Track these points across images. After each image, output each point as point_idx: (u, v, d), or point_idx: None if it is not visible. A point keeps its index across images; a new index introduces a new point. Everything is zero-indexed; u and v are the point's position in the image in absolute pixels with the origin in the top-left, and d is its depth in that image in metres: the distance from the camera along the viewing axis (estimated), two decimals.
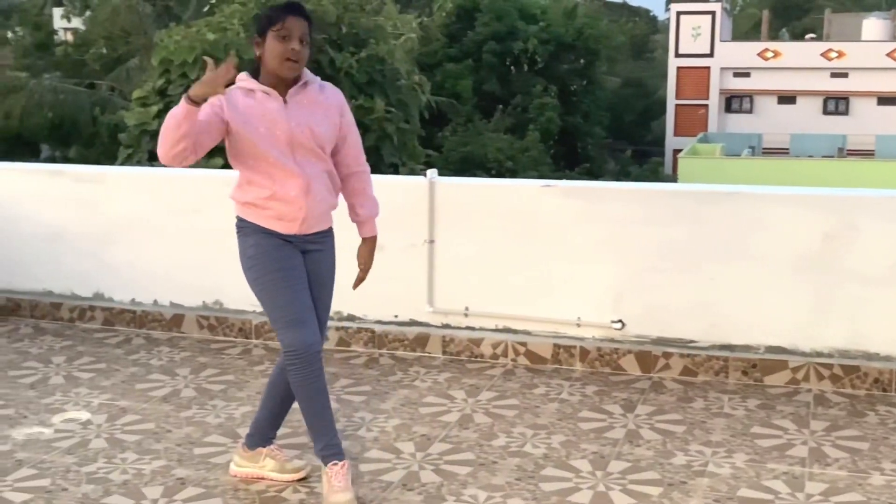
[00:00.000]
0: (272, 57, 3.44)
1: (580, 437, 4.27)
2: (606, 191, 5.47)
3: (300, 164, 3.52)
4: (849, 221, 4.80)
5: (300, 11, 3.51)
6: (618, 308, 5.18)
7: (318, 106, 3.58)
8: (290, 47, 3.43)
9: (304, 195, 3.53)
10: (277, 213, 3.55)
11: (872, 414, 4.50)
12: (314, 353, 3.55)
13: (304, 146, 3.52)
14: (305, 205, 3.54)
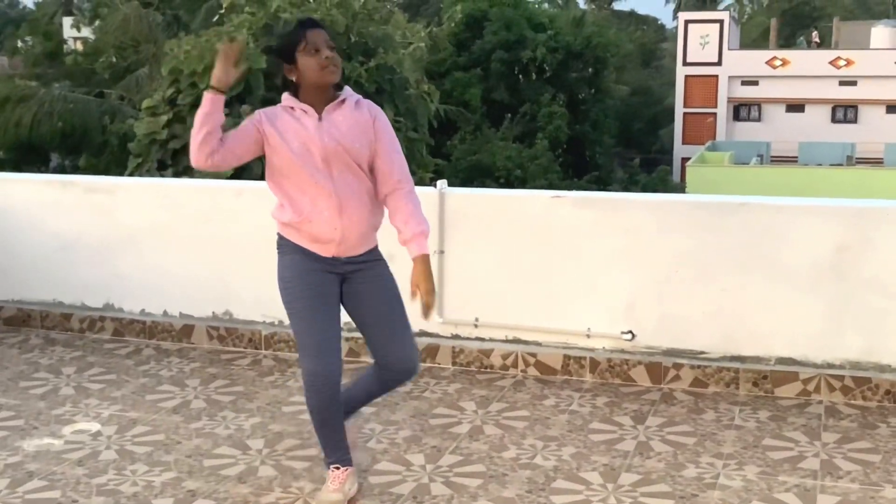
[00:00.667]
0: (310, 72, 3.47)
1: (591, 449, 4.25)
2: (617, 201, 5.47)
3: (335, 182, 3.48)
4: (862, 232, 4.78)
5: (313, 23, 3.55)
6: (628, 319, 5.17)
7: (353, 122, 3.55)
8: (324, 56, 3.46)
9: (337, 215, 3.49)
10: (312, 235, 3.53)
11: (884, 426, 4.48)
12: (328, 382, 3.51)
13: (339, 162, 3.49)
14: (340, 225, 3.50)
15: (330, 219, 3.50)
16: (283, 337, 5.69)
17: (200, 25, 24.59)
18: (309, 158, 3.47)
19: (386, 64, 18.53)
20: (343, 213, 3.50)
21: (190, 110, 15.91)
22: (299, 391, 5.03)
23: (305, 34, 3.47)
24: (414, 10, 48.55)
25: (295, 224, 3.55)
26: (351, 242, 3.56)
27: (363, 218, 3.56)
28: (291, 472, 4.05)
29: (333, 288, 3.60)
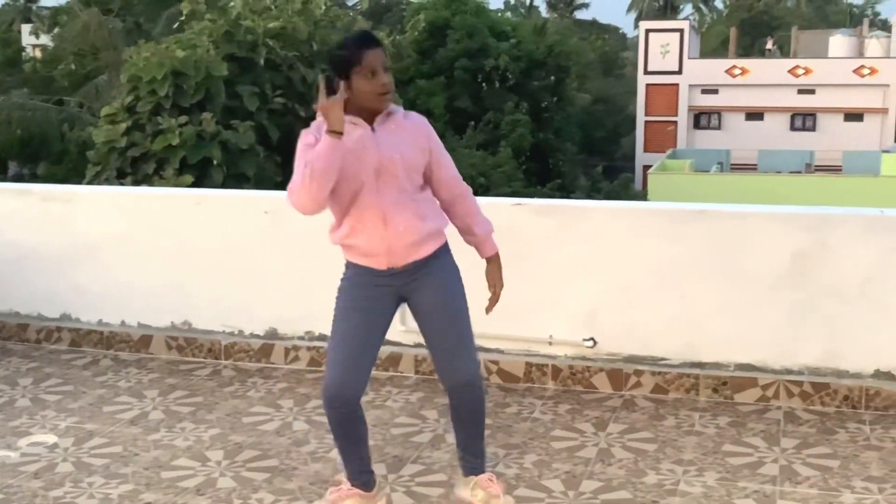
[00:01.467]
0: (364, 96, 3.36)
1: (552, 457, 4.25)
2: (578, 209, 5.47)
3: (379, 193, 3.41)
4: (820, 239, 4.83)
5: (373, 41, 3.43)
6: (590, 326, 5.18)
7: (405, 131, 3.48)
8: (381, 82, 3.36)
9: (382, 226, 3.43)
10: (362, 249, 3.48)
11: (843, 431, 4.52)
12: (340, 397, 3.49)
13: (390, 173, 3.41)
14: (386, 236, 3.44)
15: (374, 230, 3.43)
16: (244, 347, 5.64)
17: (161, 32, 24.44)
18: (362, 171, 3.38)
19: None
20: (388, 225, 3.43)
21: (149, 117, 15.79)
22: (259, 401, 5.00)
23: (363, 55, 3.34)
24: (377, 18, 48.57)
25: (346, 242, 3.51)
26: (400, 253, 3.48)
27: (411, 226, 3.47)
28: (251, 483, 4.01)
29: (383, 307, 3.55)
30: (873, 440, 4.41)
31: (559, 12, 69.32)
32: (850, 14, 63.42)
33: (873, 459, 4.19)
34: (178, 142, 15.17)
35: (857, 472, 4.07)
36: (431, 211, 3.56)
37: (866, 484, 3.94)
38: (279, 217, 5.61)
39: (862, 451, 4.28)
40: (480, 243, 3.70)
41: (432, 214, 3.56)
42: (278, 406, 4.93)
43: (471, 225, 3.68)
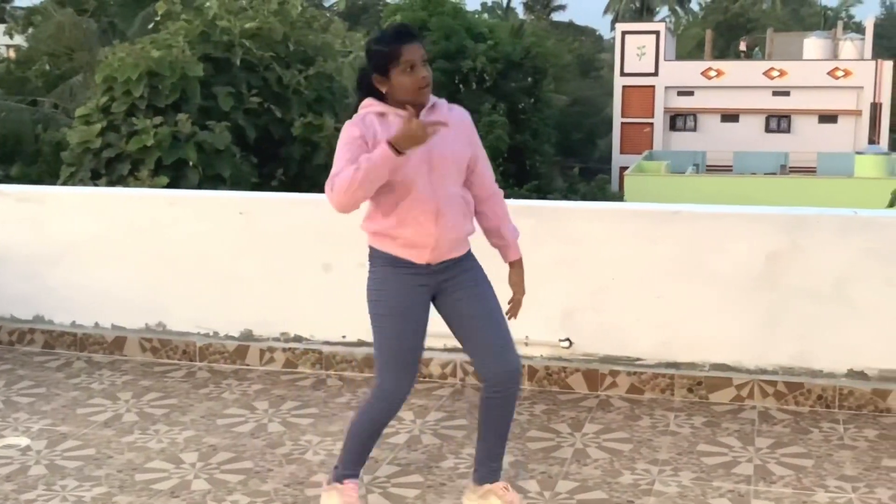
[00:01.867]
0: (405, 91, 3.33)
1: (528, 457, 4.25)
2: (556, 210, 5.48)
3: (434, 187, 3.38)
4: (794, 240, 4.85)
5: (410, 35, 3.38)
6: (566, 327, 5.18)
7: (452, 125, 3.42)
8: (420, 76, 3.33)
9: (433, 221, 3.39)
10: (408, 240, 3.43)
11: (816, 431, 4.55)
12: (398, 401, 3.54)
13: (440, 167, 3.39)
14: (435, 231, 3.40)
15: (425, 224, 3.40)
16: (219, 348, 5.61)
17: (136, 33, 24.28)
18: (412, 163, 3.32)
19: (325, 72, 18.48)
20: (439, 220, 3.40)
21: (124, 118, 15.69)
22: (234, 403, 4.97)
23: (402, 50, 3.30)
24: (354, 19, 48.51)
25: (389, 231, 3.45)
26: (443, 249, 3.46)
27: (458, 224, 3.46)
28: (225, 485, 3.98)
29: (424, 304, 3.53)
30: (847, 439, 4.43)
31: (536, 14, 69.47)
32: (824, 16, 63.92)
33: (847, 459, 4.22)
34: (154, 143, 15.09)
35: (831, 471, 4.09)
36: (470, 212, 3.55)
37: (840, 483, 3.97)
38: (254, 218, 5.59)
39: (836, 451, 4.31)
40: (507, 246, 3.67)
41: (470, 215, 3.56)
42: (253, 408, 4.90)
43: (500, 227, 3.64)
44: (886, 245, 4.73)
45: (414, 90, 3.33)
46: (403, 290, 3.49)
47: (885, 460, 4.19)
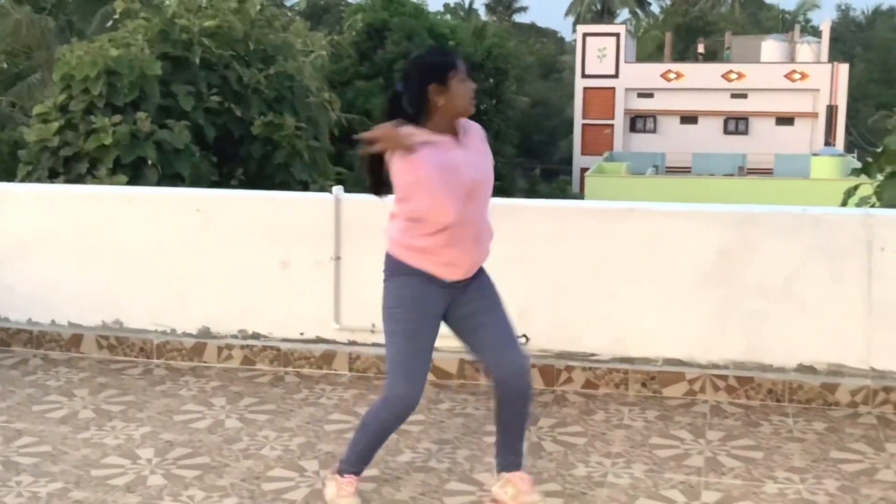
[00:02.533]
0: (462, 99, 3.49)
1: (484, 451, 4.30)
2: (511, 208, 5.52)
3: (472, 210, 3.51)
4: (744, 237, 4.95)
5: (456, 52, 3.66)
6: (522, 323, 5.18)
7: (480, 146, 3.61)
8: (473, 87, 3.53)
9: (474, 244, 3.56)
10: (447, 259, 3.53)
11: (766, 424, 4.64)
12: (409, 407, 3.62)
13: (478, 190, 3.53)
14: (474, 253, 3.58)
15: (466, 247, 3.54)
16: (176, 346, 5.61)
17: (95, 31, 24.04)
18: (457, 187, 3.44)
19: (286, 72, 18.42)
20: (479, 242, 3.59)
21: (82, 117, 15.54)
22: (191, 400, 4.97)
23: (458, 62, 3.51)
24: (316, 19, 48.36)
25: (430, 250, 3.52)
26: (474, 268, 3.63)
27: (487, 244, 3.65)
28: (182, 480, 3.99)
29: (439, 314, 3.63)
30: (796, 432, 4.53)
31: (498, 15, 69.65)
32: (782, 20, 64.64)
33: (796, 451, 4.31)
34: (112, 141, 14.95)
35: (780, 462, 4.18)
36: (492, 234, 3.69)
37: (788, 474, 4.06)
38: (211, 215, 5.59)
39: (785, 443, 4.40)
40: None
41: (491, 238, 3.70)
42: (210, 404, 4.91)
43: None
44: (833, 242, 4.83)
45: (466, 100, 3.50)
46: (424, 301, 3.58)
47: (833, 452, 4.29)
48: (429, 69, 3.49)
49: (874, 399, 4.80)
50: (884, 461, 4.18)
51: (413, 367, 3.59)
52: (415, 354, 3.59)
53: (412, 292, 3.57)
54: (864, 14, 78.82)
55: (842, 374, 4.85)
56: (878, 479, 4.00)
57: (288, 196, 6.18)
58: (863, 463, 4.17)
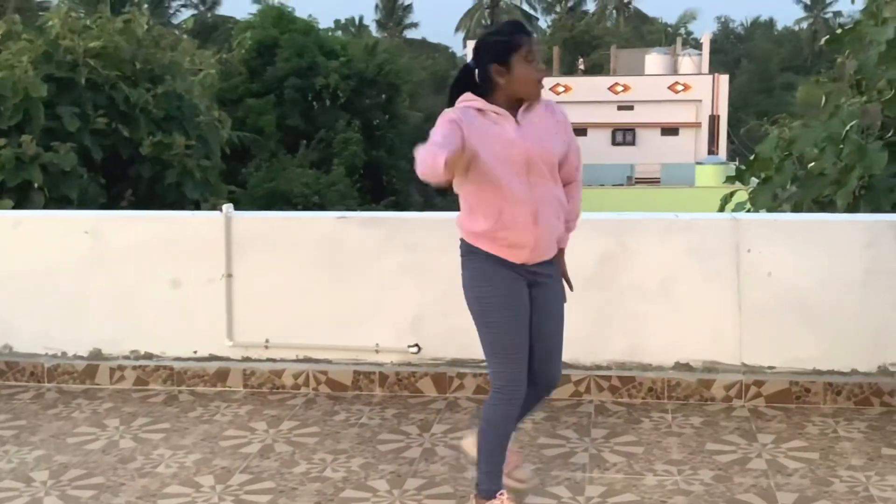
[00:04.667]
0: (524, 82, 3.40)
1: (379, 459, 4.41)
2: (401, 220, 5.67)
3: (531, 187, 3.44)
4: (622, 242, 5.18)
5: (527, 30, 3.49)
6: (414, 333, 5.37)
7: (549, 124, 3.51)
8: (539, 68, 3.41)
9: (532, 223, 3.46)
10: (508, 241, 3.48)
11: (647, 420, 4.86)
12: (521, 391, 3.56)
13: (538, 167, 3.45)
14: (535, 232, 3.47)
15: (525, 225, 3.45)
16: (67, 369, 5.57)
17: None
18: (510, 164, 3.39)
19: (174, 91, 18.25)
20: (538, 221, 3.47)
21: None
22: (85, 422, 4.96)
23: (523, 40, 3.38)
24: (204, 37, 47.80)
25: (489, 233, 3.49)
26: (541, 249, 3.54)
27: (553, 224, 3.55)
28: (77, 501, 4.00)
29: (525, 296, 3.57)
30: (674, 427, 4.76)
31: (389, 31, 69.97)
32: (665, 34, 66.49)
33: (674, 444, 4.54)
34: None
35: (659, 456, 4.40)
36: (563, 211, 3.63)
37: (667, 467, 4.27)
38: (100, 237, 5.58)
39: (664, 438, 4.63)
40: (563, 236, 3.71)
41: (563, 215, 3.63)
42: (104, 425, 4.90)
43: (569, 214, 3.69)
44: (704, 244, 5.10)
45: (532, 82, 3.42)
46: (506, 282, 3.53)
47: (709, 444, 4.53)
48: (492, 48, 3.42)
49: (746, 393, 5.07)
50: (756, 451, 4.44)
51: (513, 351, 3.53)
52: (512, 339, 3.53)
53: (491, 276, 3.53)
54: (743, 26, 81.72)
55: (716, 370, 5.12)
56: (750, 467, 4.25)
57: (177, 215, 6.20)
58: (736, 453, 4.41)
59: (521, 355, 3.57)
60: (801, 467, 4.23)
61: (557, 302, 3.71)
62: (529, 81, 3.43)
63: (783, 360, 5.08)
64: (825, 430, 4.68)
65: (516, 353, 3.55)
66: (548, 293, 3.66)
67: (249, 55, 37.51)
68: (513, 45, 3.40)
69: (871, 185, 6.83)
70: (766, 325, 5.07)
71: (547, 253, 3.59)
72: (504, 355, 3.56)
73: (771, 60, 65.56)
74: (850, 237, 5.04)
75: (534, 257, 3.55)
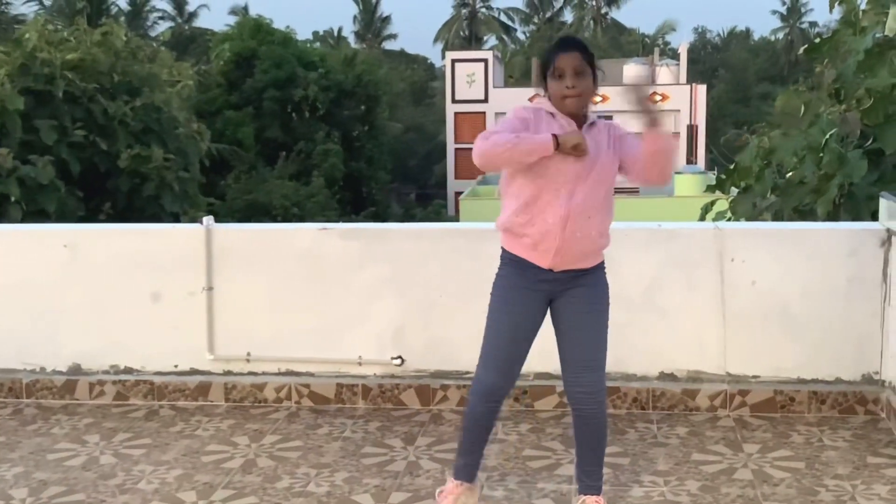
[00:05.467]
0: (553, 97, 3.54)
1: (363, 473, 4.37)
2: (382, 231, 5.64)
3: (574, 195, 3.51)
4: (607, 251, 5.14)
5: (572, 45, 3.56)
6: (397, 345, 5.34)
7: (608, 138, 3.60)
8: (565, 84, 3.49)
9: (560, 226, 3.52)
10: (533, 240, 3.56)
11: (632, 431, 4.85)
12: (489, 395, 3.70)
13: (589, 179, 3.52)
14: (561, 237, 3.53)
15: (553, 226, 3.52)
16: (46, 384, 5.50)
17: None
18: (563, 167, 3.48)
19: (152, 103, 18.18)
20: (567, 227, 3.52)
21: None
22: (64, 438, 4.90)
23: (557, 57, 3.50)
24: (182, 49, 47.69)
25: (517, 229, 3.59)
26: (568, 258, 3.59)
27: (588, 237, 3.58)
28: None
29: (534, 307, 3.66)
30: (660, 437, 4.75)
31: (367, 43, 69.97)
32: (642, 44, 66.85)
33: (660, 455, 4.52)
34: None
35: (645, 467, 4.38)
36: (607, 229, 3.68)
37: (653, 478, 4.25)
38: (79, 250, 5.52)
39: (650, 448, 4.61)
40: None
41: (607, 233, 3.68)
42: (84, 441, 4.84)
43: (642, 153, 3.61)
44: (688, 254, 5.10)
45: (557, 97, 3.53)
46: (517, 288, 3.64)
47: (695, 454, 4.52)
48: (542, 61, 3.57)
49: (731, 403, 5.07)
50: (741, 461, 4.43)
51: (493, 358, 3.69)
52: (495, 348, 3.69)
53: (507, 280, 3.69)
54: (720, 36, 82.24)
55: (701, 380, 5.11)
56: (736, 477, 4.23)
57: (157, 228, 6.14)
58: (722, 463, 4.40)
59: (502, 365, 3.69)
60: (787, 477, 4.22)
61: (589, 309, 3.72)
62: (556, 96, 3.55)
63: (767, 369, 5.08)
64: (810, 438, 4.68)
65: (496, 361, 3.69)
66: (577, 301, 3.69)
67: (227, 67, 37.48)
68: (547, 61, 3.55)
69: (851, 194, 6.84)
70: (750, 334, 5.07)
71: (576, 262, 3.63)
72: (486, 359, 3.71)
73: (747, 70, 65.98)
74: (833, 245, 5.04)
75: (559, 263, 3.60)
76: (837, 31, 7.92)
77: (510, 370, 3.74)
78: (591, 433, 3.78)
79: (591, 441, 3.80)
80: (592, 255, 3.68)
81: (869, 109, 6.74)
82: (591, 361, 3.73)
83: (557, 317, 3.75)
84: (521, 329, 3.68)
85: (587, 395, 3.73)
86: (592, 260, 3.69)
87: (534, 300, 3.66)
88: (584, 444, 3.81)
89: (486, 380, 3.71)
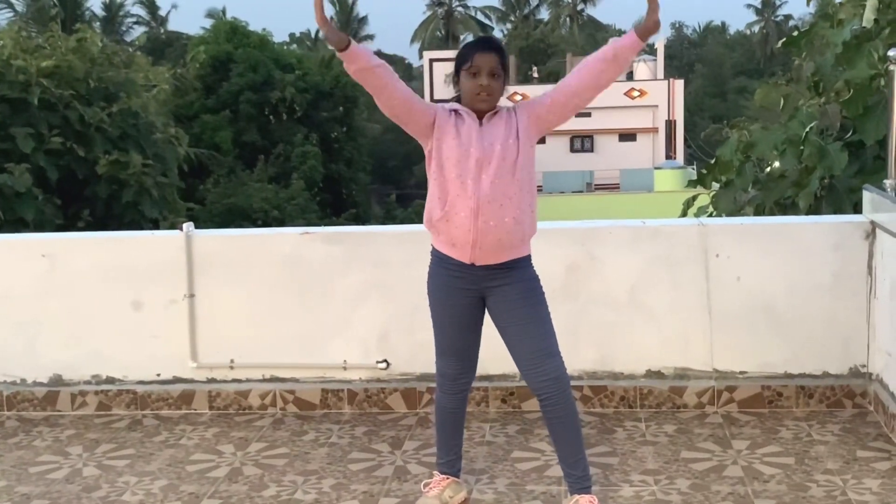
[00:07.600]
0: (465, 93, 3.63)
1: (350, 479, 4.33)
2: (365, 235, 5.59)
3: (481, 185, 3.55)
4: (589, 251, 5.14)
5: (489, 46, 3.66)
6: (382, 349, 5.30)
7: (509, 124, 3.63)
8: (479, 83, 3.57)
9: (472, 218, 3.56)
10: (450, 236, 3.63)
11: (621, 430, 4.82)
12: (449, 383, 3.88)
13: (493, 167, 3.56)
14: (474, 228, 3.56)
15: (465, 220, 3.57)
16: (27, 396, 5.43)
17: None
18: (464, 160, 3.56)
19: (129, 109, 18.06)
20: (479, 217, 3.56)
21: None
22: (46, 450, 4.83)
23: (474, 56, 3.58)
24: (158, 53, 47.44)
25: (435, 223, 3.65)
26: (486, 249, 3.60)
27: (501, 225, 3.58)
28: None
29: (467, 304, 3.74)
30: (648, 436, 4.72)
31: None
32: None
33: (649, 454, 4.49)
34: None
35: (635, 466, 4.35)
36: (525, 216, 3.65)
37: (643, 477, 4.23)
38: (58, 260, 5.45)
39: (639, 447, 4.58)
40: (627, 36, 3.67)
41: (525, 221, 3.65)
42: (66, 453, 4.78)
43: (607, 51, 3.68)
44: (672, 251, 5.07)
45: (470, 95, 3.62)
46: (444, 286, 3.76)
47: (684, 452, 4.49)
48: (457, 57, 3.67)
49: (719, 399, 5.05)
50: (731, 457, 4.41)
51: (445, 347, 3.85)
52: (443, 337, 3.84)
53: (434, 278, 3.80)
54: (696, 31, 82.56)
55: (688, 377, 5.09)
56: (726, 475, 4.21)
57: (136, 235, 6.07)
58: (711, 461, 4.38)
59: (457, 351, 3.84)
60: (778, 473, 4.20)
61: (523, 300, 3.72)
62: (468, 93, 3.63)
63: (754, 365, 5.06)
64: (799, 434, 4.67)
65: (451, 349, 3.84)
66: (508, 297, 3.70)
67: (204, 70, 37.30)
68: (460, 59, 3.65)
69: (832, 186, 6.85)
70: (736, 330, 5.05)
71: (497, 255, 3.64)
72: (439, 348, 3.88)
73: (724, 65, 66.28)
74: (817, 239, 5.03)
75: (478, 257, 3.63)
76: (815, 23, 7.93)
77: (465, 355, 3.86)
78: (563, 424, 3.76)
79: (567, 433, 3.77)
80: (511, 248, 3.66)
81: (848, 101, 6.74)
82: (547, 348, 3.73)
83: (496, 316, 3.77)
84: (462, 319, 3.78)
85: (552, 381, 3.72)
86: (514, 253, 3.68)
87: (465, 295, 3.74)
88: (560, 439, 3.80)
89: (444, 368, 3.86)
